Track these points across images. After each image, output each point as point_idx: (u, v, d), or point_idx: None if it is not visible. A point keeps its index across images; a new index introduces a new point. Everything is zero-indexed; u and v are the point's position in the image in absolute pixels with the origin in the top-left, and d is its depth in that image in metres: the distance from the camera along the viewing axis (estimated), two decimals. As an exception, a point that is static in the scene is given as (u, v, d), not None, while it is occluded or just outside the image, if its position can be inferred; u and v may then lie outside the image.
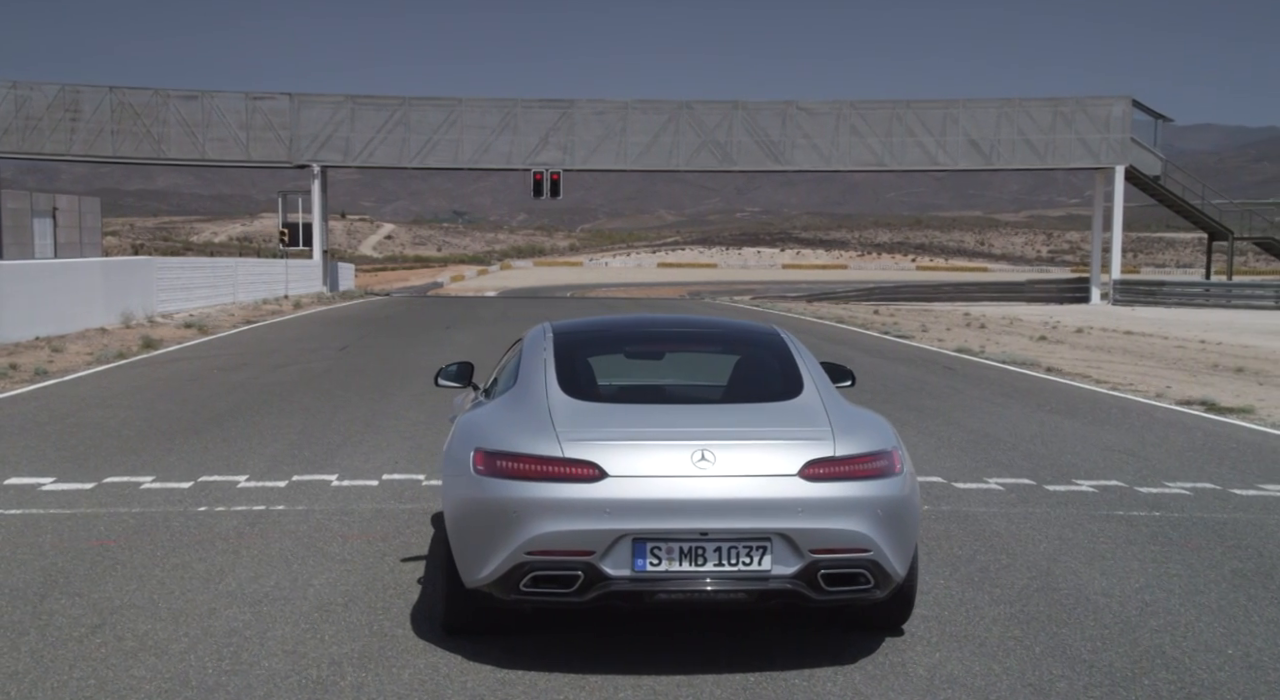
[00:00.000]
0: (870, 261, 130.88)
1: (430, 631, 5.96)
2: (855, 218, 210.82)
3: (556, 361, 6.13)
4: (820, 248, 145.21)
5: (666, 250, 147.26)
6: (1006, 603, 6.40)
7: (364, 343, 23.85)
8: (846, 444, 5.47)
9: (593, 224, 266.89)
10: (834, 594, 5.34)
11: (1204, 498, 9.18)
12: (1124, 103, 49.35)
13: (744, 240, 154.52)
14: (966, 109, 49.50)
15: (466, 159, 50.04)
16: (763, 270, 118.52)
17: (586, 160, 49.28)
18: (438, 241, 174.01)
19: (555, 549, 5.28)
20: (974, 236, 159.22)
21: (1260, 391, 16.39)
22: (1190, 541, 7.76)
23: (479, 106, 50.11)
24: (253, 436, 11.83)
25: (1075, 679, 5.27)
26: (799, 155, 49.18)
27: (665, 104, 49.71)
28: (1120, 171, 48.47)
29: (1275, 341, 26.93)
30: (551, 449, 5.41)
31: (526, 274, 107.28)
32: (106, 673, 5.39)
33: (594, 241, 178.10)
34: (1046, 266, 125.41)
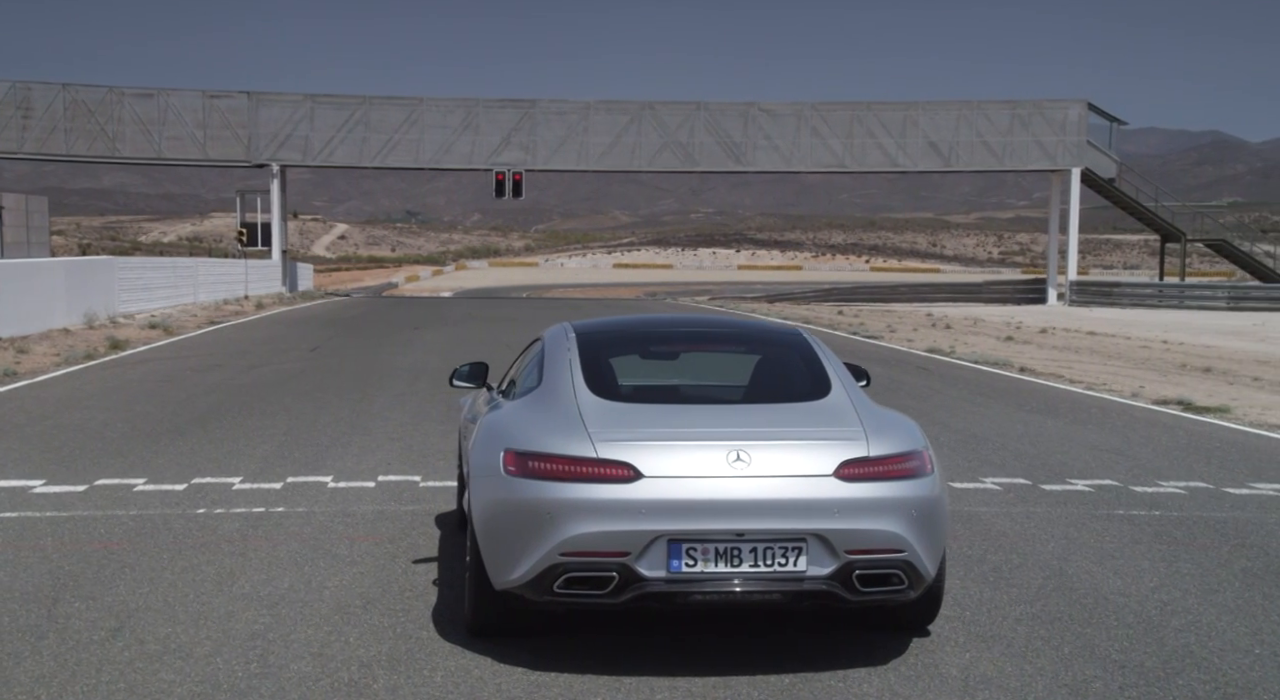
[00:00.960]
0: (824, 262, 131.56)
1: (454, 633, 5.91)
2: (809, 219, 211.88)
3: (582, 362, 6.10)
4: (775, 249, 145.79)
5: (622, 251, 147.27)
6: (1026, 602, 6.44)
7: (334, 344, 23.66)
8: (880, 444, 5.48)
9: (547, 224, 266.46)
10: (868, 595, 5.34)
11: (1199, 497, 9.28)
12: (1080, 106, 49.91)
13: (699, 241, 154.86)
14: (926, 111, 49.87)
15: (428, 159, 49.83)
16: (718, 271, 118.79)
17: (548, 160, 49.21)
18: (391, 242, 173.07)
19: (590, 550, 5.25)
20: (926, 238, 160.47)
21: (1232, 391, 16.62)
22: (1195, 541, 7.84)
23: (440, 106, 49.89)
24: (239, 438, 11.70)
25: (1109, 679, 5.29)
26: (761, 156, 49.36)
27: (627, 104, 49.73)
28: (1076, 174, 49.03)
29: (1235, 342, 27.34)
30: (585, 449, 5.38)
31: (482, 274, 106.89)
32: (134, 676, 5.31)
33: (549, 242, 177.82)
34: (998, 268, 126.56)
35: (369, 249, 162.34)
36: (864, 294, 55.88)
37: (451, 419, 13.04)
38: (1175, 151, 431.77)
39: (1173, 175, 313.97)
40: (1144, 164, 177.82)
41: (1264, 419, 13.74)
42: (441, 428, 12.46)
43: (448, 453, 10.96)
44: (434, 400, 14.61)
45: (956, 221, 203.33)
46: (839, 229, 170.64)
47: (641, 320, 7.28)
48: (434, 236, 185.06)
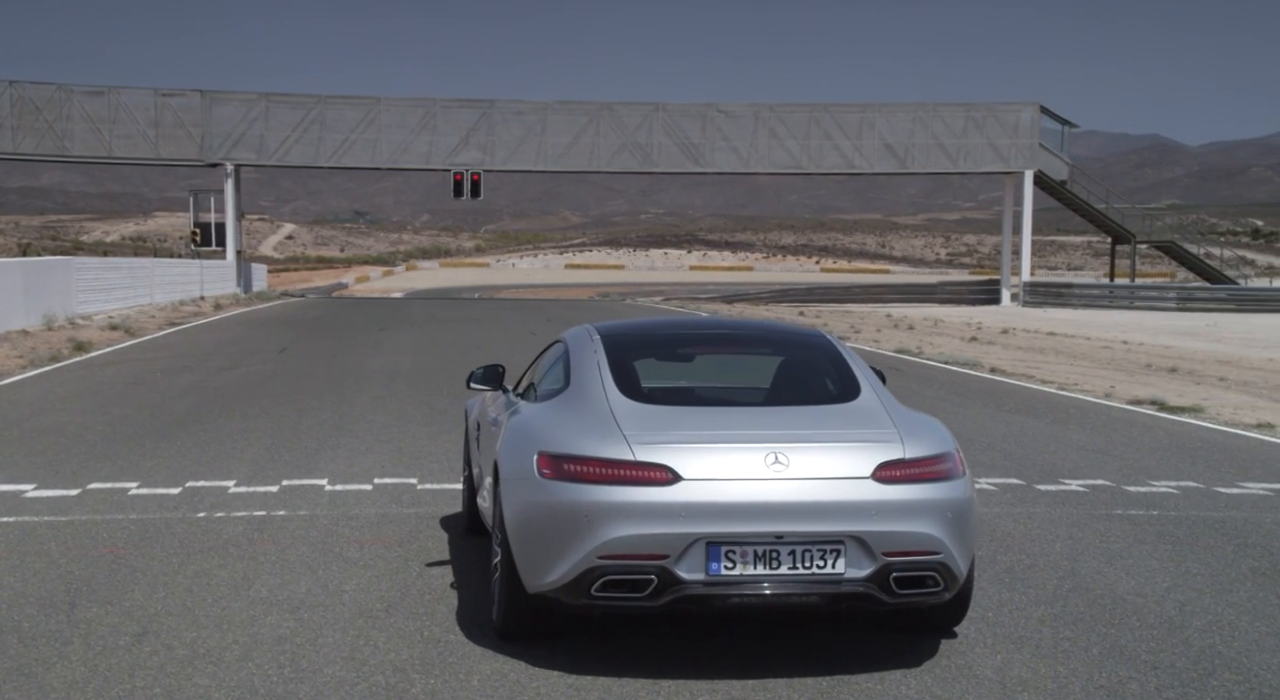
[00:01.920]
0: (775, 263, 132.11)
1: (483, 637, 5.88)
2: (760, 220, 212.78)
3: (610, 363, 6.09)
4: (726, 249, 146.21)
5: (574, 251, 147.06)
6: (1045, 603, 6.49)
7: (301, 345, 23.46)
8: (914, 446, 5.50)
9: (497, 225, 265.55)
10: (905, 597, 5.36)
11: (1192, 496, 9.41)
12: (1032, 108, 50.46)
13: (651, 242, 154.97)
14: (882, 113, 50.21)
15: (385, 159, 49.49)
16: (670, 272, 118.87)
17: (507, 161, 49.03)
18: (340, 242, 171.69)
19: (629, 553, 5.24)
20: (875, 239, 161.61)
21: (1200, 390, 16.87)
22: (1199, 541, 7.94)
23: (397, 106, 49.58)
24: (225, 441, 11.59)
25: (1144, 681, 5.33)
26: (719, 157, 49.47)
27: (586, 105, 49.67)
28: (1029, 176, 49.54)
29: (1192, 342, 27.76)
30: (621, 452, 5.37)
31: (433, 275, 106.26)
32: (169, 681, 5.26)
33: (500, 242, 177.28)
34: (945, 269, 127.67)
35: (317, 249, 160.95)
36: (819, 295, 56.13)
37: (437, 422, 12.98)
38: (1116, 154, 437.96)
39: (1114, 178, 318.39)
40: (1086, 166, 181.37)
41: (1238, 418, 13.96)
42: (428, 430, 12.39)
43: (440, 455, 10.91)
44: (414, 402, 14.52)
45: (904, 223, 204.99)
46: (789, 230, 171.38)
47: (664, 322, 7.28)
48: (383, 237, 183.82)
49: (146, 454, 10.81)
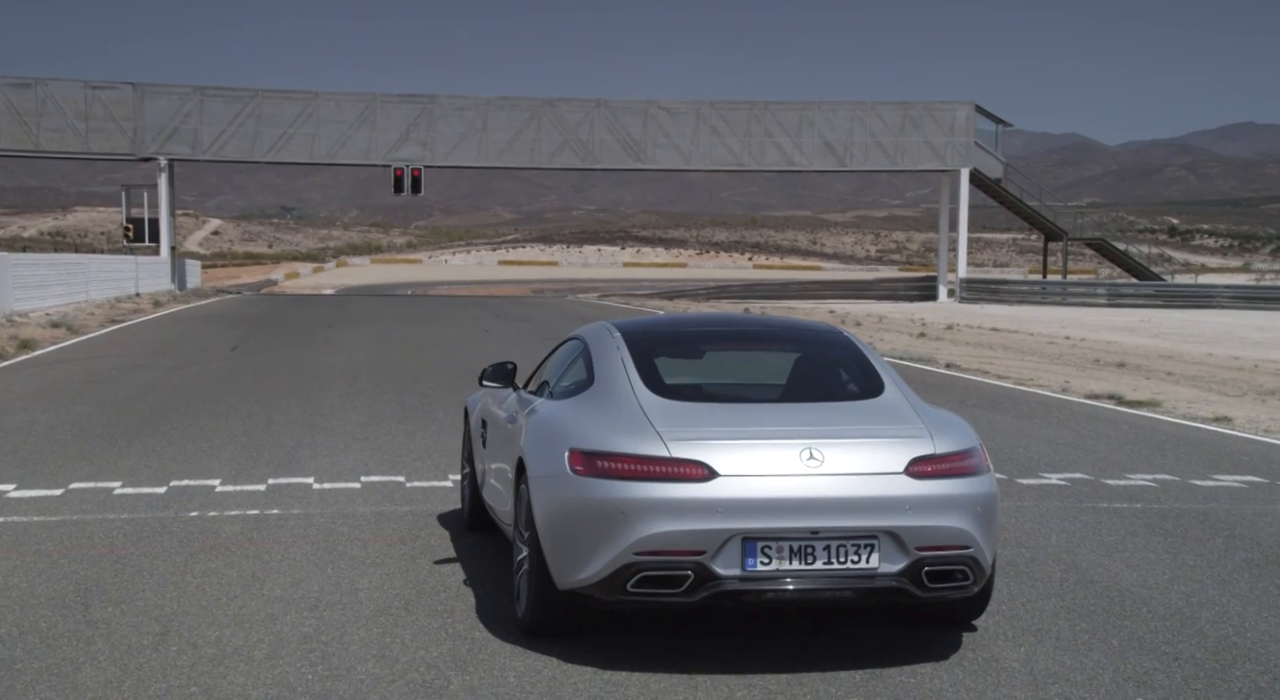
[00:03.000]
0: (709, 260, 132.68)
1: (508, 634, 5.88)
2: (692, 217, 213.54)
3: (635, 360, 6.11)
4: (660, 246, 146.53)
5: (507, 248, 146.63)
6: (1055, 596, 6.60)
7: (251, 343, 23.20)
8: (944, 442, 5.58)
9: (428, 221, 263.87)
10: (936, 591, 5.42)
11: (1170, 489, 9.62)
12: (967, 108, 51.14)
13: (584, 238, 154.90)
14: (821, 111, 50.61)
15: (323, 154, 49.03)
16: (604, 268, 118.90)
17: (448, 156, 48.79)
18: (268, 238, 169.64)
19: (666, 549, 5.27)
20: (806, 236, 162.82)
21: (1151, 385, 17.23)
22: (1188, 533, 8.11)
23: (336, 100, 49.14)
24: (199, 439, 11.45)
25: (1170, 671, 5.43)
26: (660, 154, 49.60)
27: (527, 101, 49.54)
28: (965, 174, 50.20)
29: (1131, 338, 28.32)
30: (656, 448, 5.39)
31: (364, 271, 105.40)
32: (205, 680, 5.23)
33: (432, 239, 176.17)
34: (875, 265, 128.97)
35: (245, 245, 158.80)
36: (759, 291, 56.49)
37: (410, 420, 12.93)
38: (1038, 153, 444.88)
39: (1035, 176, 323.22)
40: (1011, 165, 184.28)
41: (1194, 412, 14.28)
42: (403, 428, 12.33)
43: (420, 453, 10.87)
44: (383, 401, 14.43)
45: (834, 220, 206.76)
46: (722, 227, 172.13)
47: (683, 319, 7.32)
48: (312, 232, 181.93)
49: (122, 453, 10.66)
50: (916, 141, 50.38)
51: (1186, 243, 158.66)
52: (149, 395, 14.76)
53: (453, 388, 15.80)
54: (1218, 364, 21.20)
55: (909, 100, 51.32)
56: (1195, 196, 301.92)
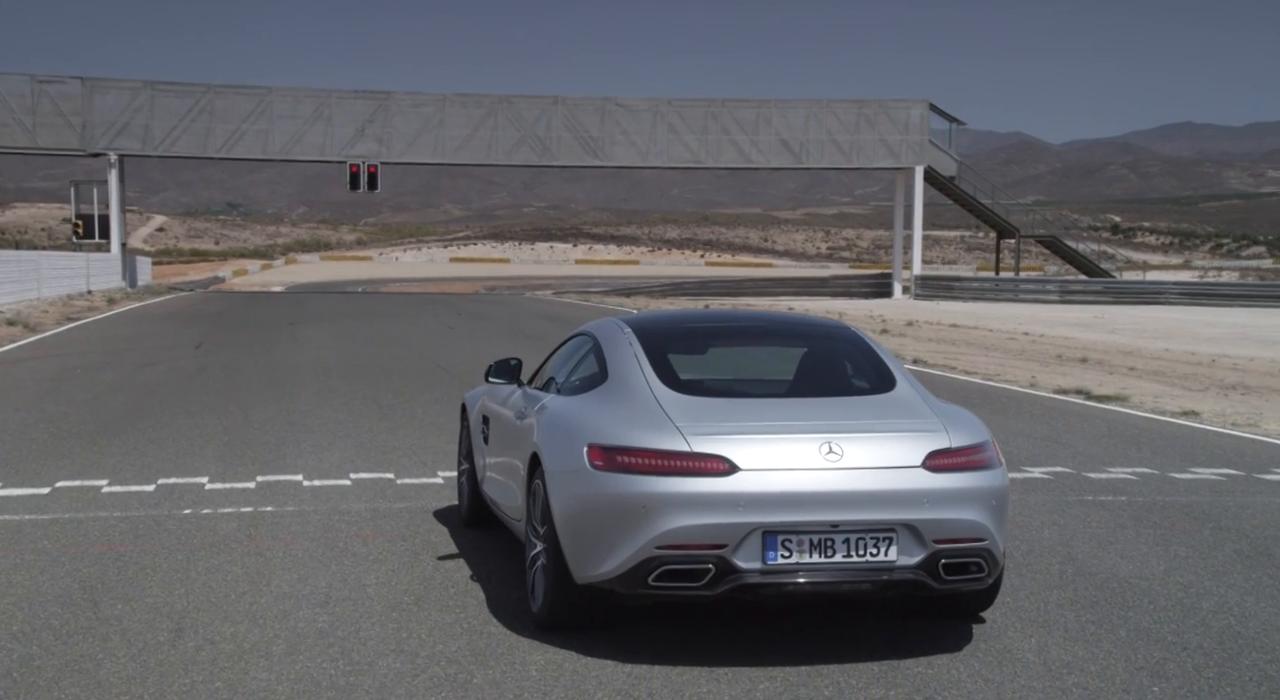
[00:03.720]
0: (661, 257, 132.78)
1: (523, 628, 5.90)
2: (644, 214, 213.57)
3: (649, 356, 6.14)
4: (611, 243, 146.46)
5: (458, 245, 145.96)
6: (1056, 587, 6.69)
7: (215, 341, 23.00)
8: (958, 436, 5.65)
9: (377, 218, 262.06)
10: (952, 583, 5.49)
11: (1151, 482, 9.77)
12: (921, 106, 51.54)
13: (536, 235, 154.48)
14: (778, 109, 50.81)
15: (277, 150, 48.58)
16: (556, 265, 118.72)
17: (404, 153, 48.53)
18: (215, 234, 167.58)
19: (688, 543, 5.31)
20: (758, 233, 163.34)
21: (1116, 380, 17.47)
22: (1175, 525, 8.25)
23: (290, 96, 48.73)
24: (179, 437, 11.37)
25: (1181, 660, 5.52)
26: (618, 151, 49.59)
27: (484, 98, 49.35)
28: (920, 172, 50.60)
29: (1088, 333, 28.67)
30: (676, 443, 5.43)
31: (314, 268, 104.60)
32: (230, 675, 5.23)
33: (382, 236, 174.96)
34: (826, 262, 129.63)
35: (191, 242, 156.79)
36: (714, 288, 56.65)
37: (389, 417, 12.89)
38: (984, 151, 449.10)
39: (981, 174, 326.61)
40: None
41: (1162, 406, 14.52)
42: (384, 425, 12.30)
43: (405, 450, 10.85)
44: (359, 398, 14.37)
45: (785, 217, 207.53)
46: (674, 224, 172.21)
47: (692, 315, 7.34)
48: (260, 229, 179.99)
49: (102, 451, 10.57)
50: (872, 139, 50.71)
51: (1129, 240, 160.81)
52: (119, 393, 14.60)
53: (427, 385, 15.76)
54: (1175, 359, 21.53)
55: (864, 98, 51.65)
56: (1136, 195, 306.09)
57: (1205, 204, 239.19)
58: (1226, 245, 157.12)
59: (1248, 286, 53.16)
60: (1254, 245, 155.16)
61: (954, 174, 51.79)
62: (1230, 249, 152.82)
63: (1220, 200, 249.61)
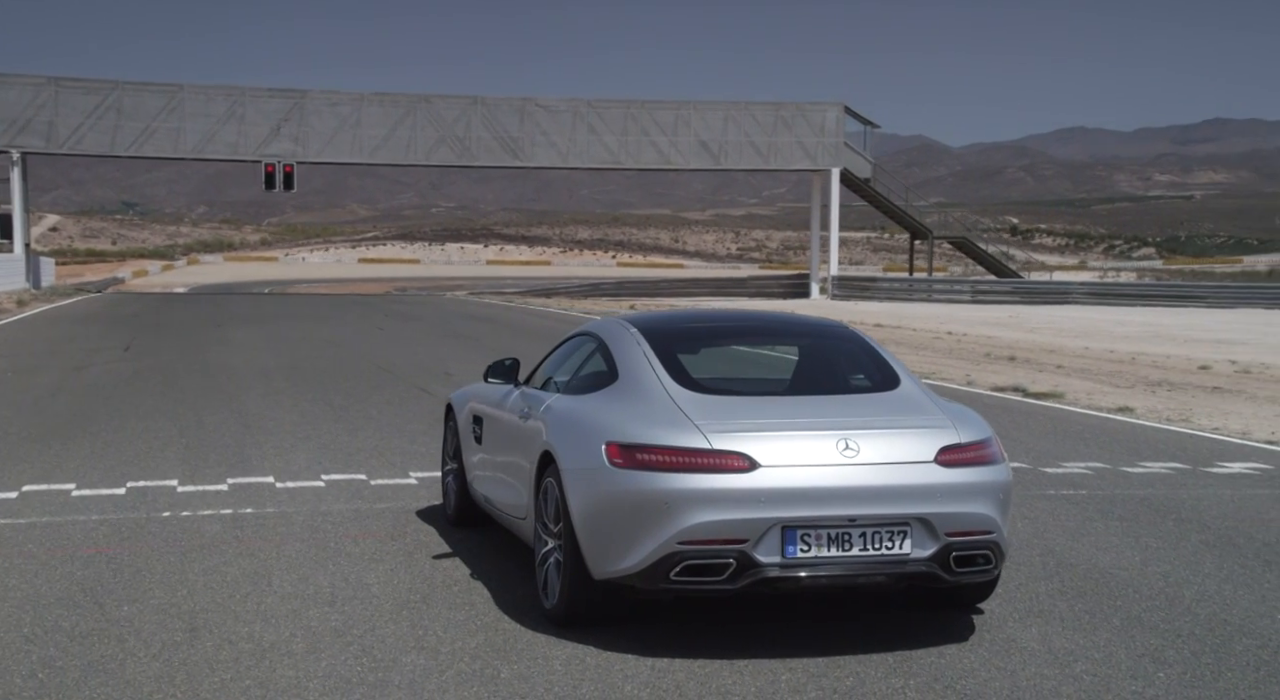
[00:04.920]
0: (572, 258, 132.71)
1: (537, 624, 5.96)
2: (554, 214, 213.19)
3: (659, 356, 6.23)
4: (522, 244, 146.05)
5: (367, 245, 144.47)
6: (1044, 579, 6.89)
7: (142, 343, 22.63)
8: (965, 431, 5.82)
9: (281, 218, 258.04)
10: (961, 575, 5.66)
11: (1107, 477, 10.07)
12: (837, 109, 52.23)
13: (446, 236, 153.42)
14: (697, 110, 51.13)
15: (189, 149, 47.69)
16: (467, 266, 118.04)
17: (321, 153, 47.94)
18: (111, 234, 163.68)
19: (709, 538, 5.42)
20: (668, 234, 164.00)
21: (1047, 377, 17.91)
22: (1140, 517, 8.50)
23: (202, 93, 47.88)
24: (135, 441, 11.25)
25: (1179, 647, 5.72)
26: (538, 152, 49.51)
27: (402, 97, 48.94)
28: (836, 174, 51.24)
29: (1008, 332, 29.32)
30: (697, 441, 5.54)
31: (218, 269, 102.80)
32: (257, 674, 5.25)
33: (288, 236, 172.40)
34: (737, 263, 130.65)
35: (86, 242, 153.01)
36: (631, 289, 56.83)
37: (344, 419, 12.83)
38: (887, 154, 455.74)
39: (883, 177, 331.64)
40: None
41: (1096, 403, 14.94)
42: (341, 427, 12.25)
43: (370, 452, 10.83)
44: (309, 400, 14.26)
45: (694, 218, 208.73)
46: (584, 225, 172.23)
47: (692, 315, 7.44)
48: (159, 229, 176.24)
49: (60, 455, 10.42)
50: (789, 141, 51.26)
51: (1027, 242, 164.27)
52: (59, 396, 14.35)
53: (374, 386, 15.68)
54: (1097, 357, 22.13)
55: (781, 101, 52.20)
56: (1033, 197, 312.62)
57: (1098, 206, 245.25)
58: (1119, 246, 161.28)
59: (1148, 286, 54.68)
60: (1144, 246, 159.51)
61: (869, 176, 52.55)
62: (1122, 250, 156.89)
63: (1111, 203, 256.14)
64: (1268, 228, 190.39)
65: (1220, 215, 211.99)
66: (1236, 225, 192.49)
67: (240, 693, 5.03)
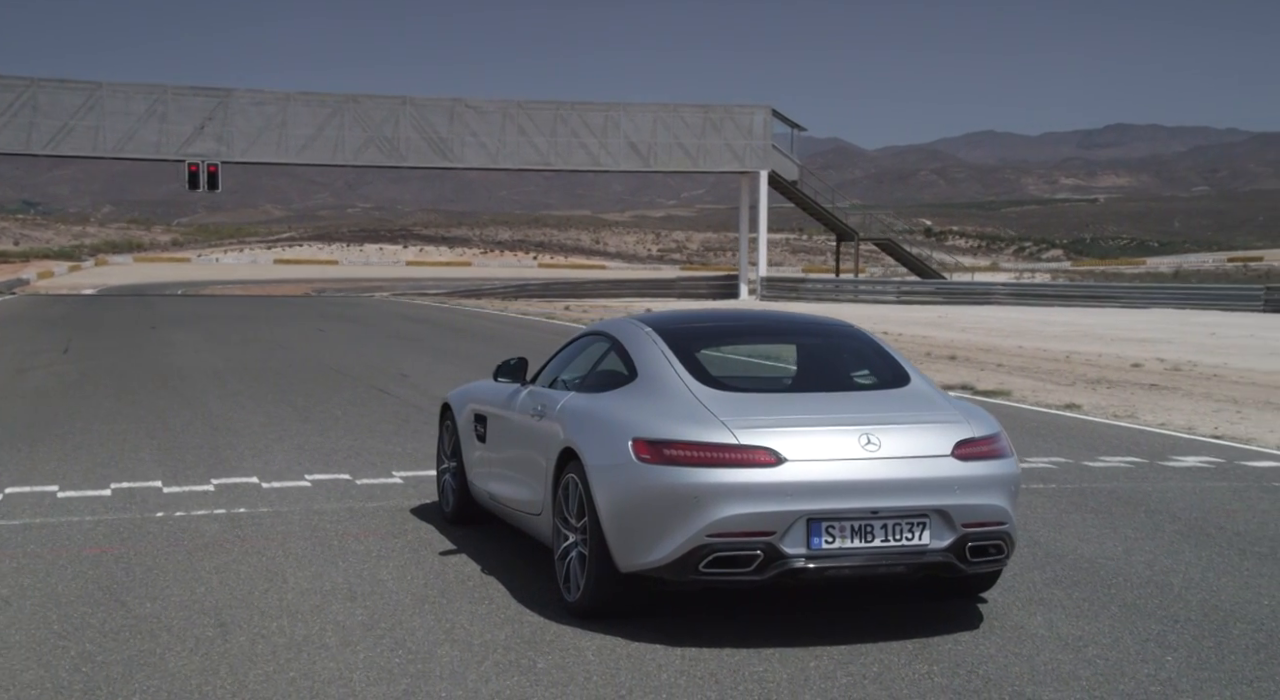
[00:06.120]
0: (493, 259, 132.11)
1: (560, 616, 6.08)
2: (474, 215, 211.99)
3: (677, 354, 6.39)
4: (443, 245, 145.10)
5: (283, 246, 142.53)
6: (1036, 568, 7.13)
7: (79, 346, 22.35)
8: (977, 426, 6.05)
9: (191, 218, 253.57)
10: (976, 564, 5.87)
11: (1071, 471, 10.38)
12: (764, 111, 52.77)
13: (364, 237, 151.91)
14: (626, 112, 51.35)
15: (109, 148, 46.87)
16: (386, 267, 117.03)
17: (245, 152, 47.37)
18: (13, 234, 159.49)
19: (738, 531, 5.58)
20: (589, 235, 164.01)
21: (990, 376, 18.33)
22: (1112, 509, 8.77)
23: (122, 92, 47.06)
24: (106, 443, 11.20)
25: (1180, 632, 5.97)
26: (468, 153, 49.39)
27: (329, 97, 48.54)
28: (764, 176, 51.78)
29: (943, 332, 29.84)
30: (723, 436, 5.70)
31: (128, 270, 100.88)
32: (298, 665, 5.34)
33: (200, 236, 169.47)
34: (658, 264, 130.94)
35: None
36: (558, 290, 56.87)
37: (313, 420, 12.82)
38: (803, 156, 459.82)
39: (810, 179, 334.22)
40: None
41: (1043, 400, 15.36)
42: (312, 427, 12.26)
43: (347, 452, 10.87)
44: (271, 402, 14.21)
45: (614, 219, 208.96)
46: (505, 226, 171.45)
47: (704, 315, 7.57)
48: (64, 229, 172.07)
49: (32, 458, 10.37)
50: (717, 144, 51.68)
51: (941, 243, 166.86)
52: (10, 400, 14.25)
53: (331, 388, 15.63)
54: (1033, 356, 22.68)
55: (710, 103, 52.66)
56: (945, 199, 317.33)
57: (1007, 209, 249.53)
58: (1029, 248, 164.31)
59: (1065, 287, 55.90)
60: (1052, 248, 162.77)
61: (796, 178, 53.17)
62: (1032, 252, 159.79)
63: (1020, 205, 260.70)
64: (1166, 230, 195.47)
65: (1123, 218, 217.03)
66: (1138, 228, 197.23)
67: (286, 684, 5.11)
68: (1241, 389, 17.04)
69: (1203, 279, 68.45)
